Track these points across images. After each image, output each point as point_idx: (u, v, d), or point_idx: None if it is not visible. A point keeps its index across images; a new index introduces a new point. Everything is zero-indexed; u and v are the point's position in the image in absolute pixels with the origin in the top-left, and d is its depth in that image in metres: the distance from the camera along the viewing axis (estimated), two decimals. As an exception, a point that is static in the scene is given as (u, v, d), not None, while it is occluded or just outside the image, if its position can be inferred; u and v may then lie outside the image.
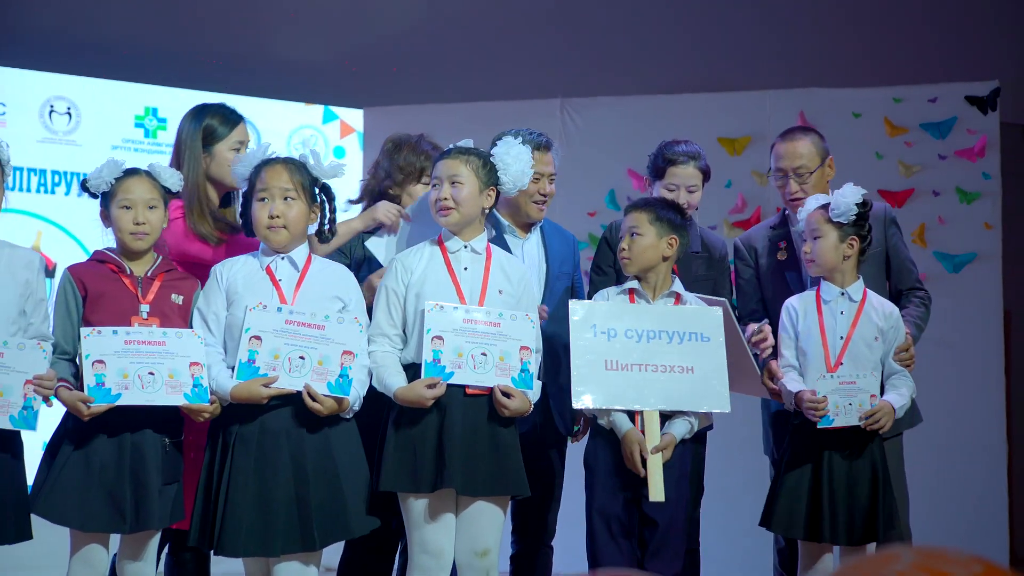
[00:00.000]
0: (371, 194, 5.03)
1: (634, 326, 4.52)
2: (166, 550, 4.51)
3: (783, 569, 5.24)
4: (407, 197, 4.95)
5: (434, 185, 4.37)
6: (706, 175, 5.33)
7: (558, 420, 4.95)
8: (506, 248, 4.78)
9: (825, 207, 4.82)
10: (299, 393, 4.06)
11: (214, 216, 4.64)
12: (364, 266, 4.84)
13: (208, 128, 4.74)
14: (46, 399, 3.98)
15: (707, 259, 5.21)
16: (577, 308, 4.53)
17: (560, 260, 5.11)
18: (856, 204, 4.79)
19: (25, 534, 4.05)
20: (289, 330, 4.08)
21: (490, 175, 4.37)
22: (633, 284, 4.67)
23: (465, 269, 4.34)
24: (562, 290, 5.08)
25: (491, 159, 4.40)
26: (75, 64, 8.25)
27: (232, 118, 4.81)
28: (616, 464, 4.52)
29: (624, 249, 4.63)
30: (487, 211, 4.44)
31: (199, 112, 4.78)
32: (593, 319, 4.49)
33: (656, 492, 4.36)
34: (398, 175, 4.99)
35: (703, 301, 4.75)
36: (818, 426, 4.64)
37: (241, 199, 4.40)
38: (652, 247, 4.62)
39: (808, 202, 4.93)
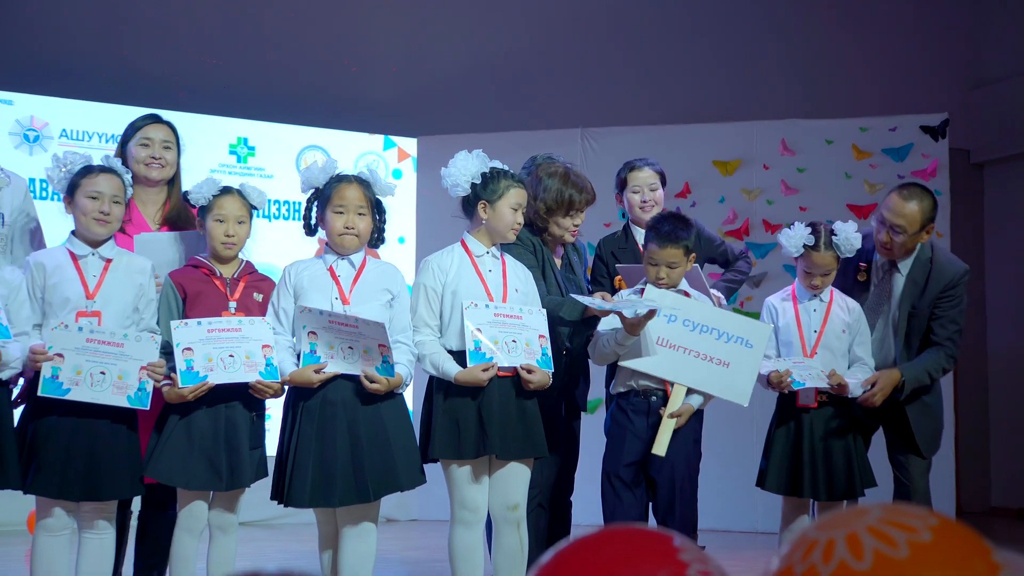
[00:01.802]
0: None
1: (692, 318, 4.50)
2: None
3: None
4: (555, 227, 4.78)
5: (515, 209, 4.34)
6: (662, 176, 5.29)
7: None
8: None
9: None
10: (353, 375, 4.06)
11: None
12: None
13: None
14: (156, 382, 3.99)
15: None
16: (651, 295, 4.49)
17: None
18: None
19: (138, 490, 4.08)
20: (334, 328, 4.05)
21: None
22: (641, 286, 4.64)
23: (490, 271, 4.33)
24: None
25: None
26: (180, 101, 8.29)
27: (139, 122, 4.76)
28: (623, 433, 4.52)
29: (663, 279, 4.54)
30: None
31: None
32: (662, 303, 4.45)
33: (660, 447, 4.36)
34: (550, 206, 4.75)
35: (704, 293, 4.74)
36: (793, 387, 4.65)
37: (306, 203, 4.37)
38: (683, 270, 4.59)
39: (797, 232, 4.81)
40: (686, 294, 4.61)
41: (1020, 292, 10.17)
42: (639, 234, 5.08)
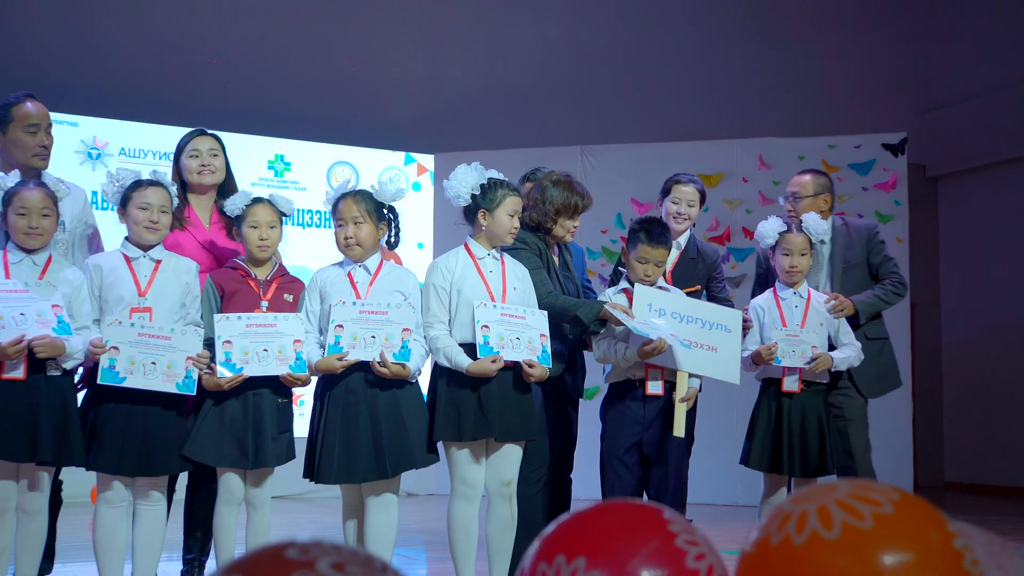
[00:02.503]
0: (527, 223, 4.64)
1: (679, 311, 4.45)
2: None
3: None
4: (560, 228, 4.66)
5: (511, 216, 4.28)
6: (703, 196, 5.18)
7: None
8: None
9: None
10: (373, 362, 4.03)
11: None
12: None
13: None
14: (201, 371, 3.98)
15: (702, 264, 5.08)
16: (641, 291, 4.45)
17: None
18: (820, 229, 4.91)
19: (185, 466, 4.05)
20: (363, 318, 4.04)
21: None
22: (626, 285, 4.60)
23: (491, 272, 4.27)
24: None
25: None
26: (223, 122, 8.29)
27: (187, 137, 4.63)
28: (621, 419, 4.48)
29: (650, 276, 4.50)
30: None
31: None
32: (650, 299, 4.42)
33: (679, 430, 4.33)
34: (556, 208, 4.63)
35: (679, 289, 4.72)
36: (775, 362, 4.65)
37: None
38: (663, 269, 4.58)
39: (771, 223, 4.86)
40: (661, 288, 4.59)
41: (970, 292, 10.22)
42: None
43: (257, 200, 4.23)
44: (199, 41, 8.87)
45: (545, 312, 4.31)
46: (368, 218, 4.18)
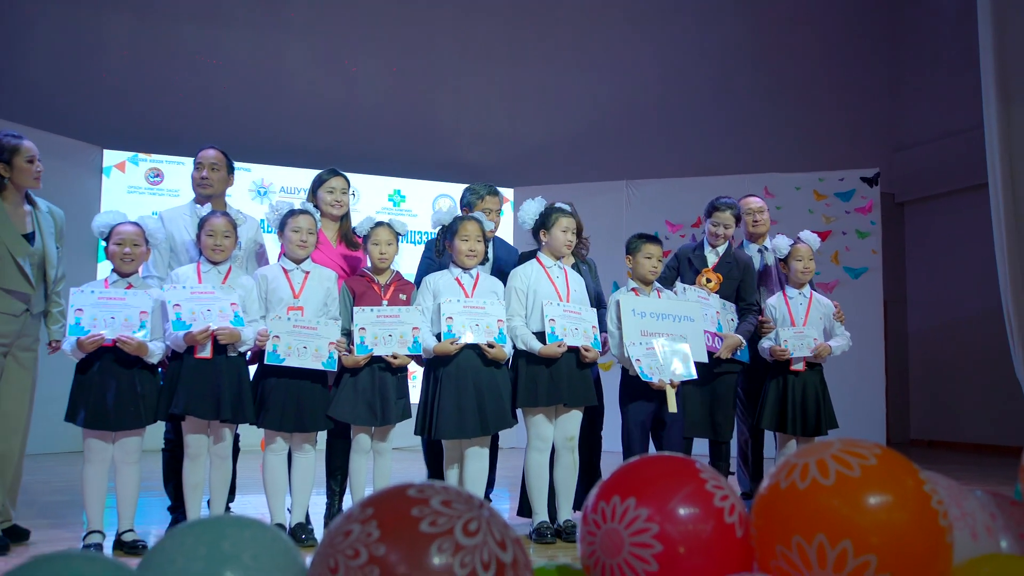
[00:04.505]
0: None
1: (655, 310, 4.32)
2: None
3: (743, 451, 5.07)
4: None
5: (564, 231, 4.26)
6: (738, 219, 4.98)
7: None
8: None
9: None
10: (478, 346, 4.03)
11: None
12: None
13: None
14: (340, 353, 4.01)
15: (736, 265, 4.90)
16: (626, 300, 4.34)
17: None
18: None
19: (329, 425, 4.08)
20: (467, 311, 4.04)
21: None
22: (635, 284, 4.46)
23: (557, 278, 4.25)
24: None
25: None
26: (357, 166, 8.41)
27: (325, 175, 4.54)
28: (640, 393, 4.33)
29: (655, 268, 4.41)
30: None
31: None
32: (633, 305, 4.32)
33: (672, 407, 4.21)
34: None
35: (670, 291, 4.59)
36: (789, 356, 4.59)
37: (437, 235, 4.35)
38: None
39: (781, 240, 4.78)
40: (659, 291, 4.49)
41: (930, 291, 10.14)
42: (707, 250, 4.90)
43: (379, 223, 4.25)
44: (339, 105, 9.02)
45: (595, 309, 4.29)
46: (483, 239, 4.21)
